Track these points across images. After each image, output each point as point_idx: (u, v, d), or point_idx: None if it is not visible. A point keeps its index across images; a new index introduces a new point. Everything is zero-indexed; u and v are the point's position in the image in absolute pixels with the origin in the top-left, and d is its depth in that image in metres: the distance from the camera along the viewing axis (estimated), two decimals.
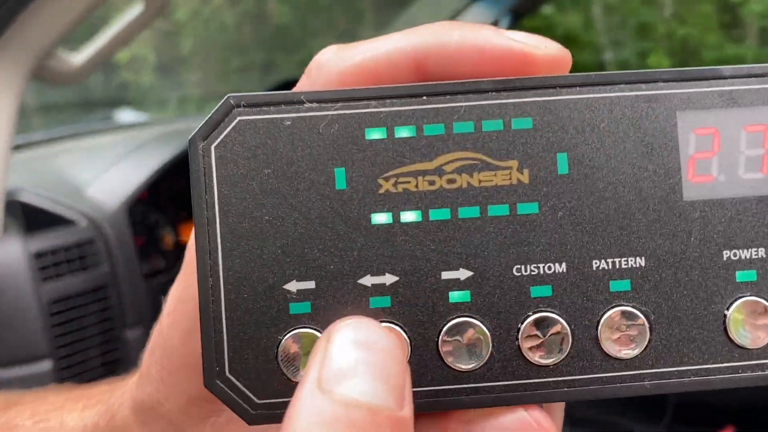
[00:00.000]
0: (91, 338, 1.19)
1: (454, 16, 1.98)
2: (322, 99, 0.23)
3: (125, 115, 2.11)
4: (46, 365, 1.10)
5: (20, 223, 1.18)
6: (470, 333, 0.23)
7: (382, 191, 0.23)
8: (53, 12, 1.01)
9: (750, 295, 0.24)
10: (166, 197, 1.56)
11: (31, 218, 1.21)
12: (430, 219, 0.23)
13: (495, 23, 2.01)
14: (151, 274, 1.40)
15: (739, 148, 0.24)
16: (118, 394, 0.34)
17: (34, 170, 1.43)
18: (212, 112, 0.23)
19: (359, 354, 0.21)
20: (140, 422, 0.31)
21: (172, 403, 0.29)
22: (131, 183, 1.38)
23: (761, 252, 0.24)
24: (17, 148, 1.52)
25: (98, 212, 1.29)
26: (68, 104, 2.76)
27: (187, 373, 0.29)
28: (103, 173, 1.40)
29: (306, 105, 0.23)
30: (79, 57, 1.16)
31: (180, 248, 1.55)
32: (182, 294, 0.29)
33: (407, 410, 0.21)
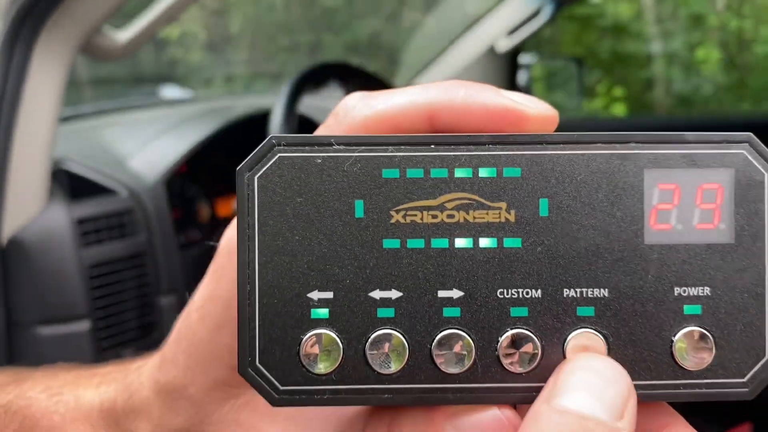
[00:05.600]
0: (127, 302, 1.26)
1: (498, 2, 1.98)
2: (348, 142, 0.28)
3: (170, 91, 2.17)
4: (84, 325, 1.16)
5: (65, 190, 1.25)
6: (458, 342, 0.27)
7: (393, 221, 0.27)
8: None
9: (695, 326, 0.28)
10: (205, 172, 1.61)
11: (76, 186, 1.27)
12: (432, 247, 0.27)
13: (537, 11, 2.00)
14: (187, 245, 1.46)
15: (695, 203, 0.28)
16: (134, 376, 0.36)
17: (81, 141, 1.49)
18: (257, 149, 0.27)
19: (585, 375, 0.26)
20: (162, 402, 0.34)
21: (197, 387, 0.33)
22: (171, 157, 1.44)
23: (707, 290, 0.28)
24: (67, 119, 1.60)
25: (138, 184, 1.35)
26: (119, 79, 2.86)
27: (214, 363, 0.32)
28: (144, 147, 1.45)
29: (334, 147, 0.27)
30: (124, 35, 1.22)
31: (215, 221, 1.61)
32: (211, 293, 0.32)
33: (623, 424, 0.25)
